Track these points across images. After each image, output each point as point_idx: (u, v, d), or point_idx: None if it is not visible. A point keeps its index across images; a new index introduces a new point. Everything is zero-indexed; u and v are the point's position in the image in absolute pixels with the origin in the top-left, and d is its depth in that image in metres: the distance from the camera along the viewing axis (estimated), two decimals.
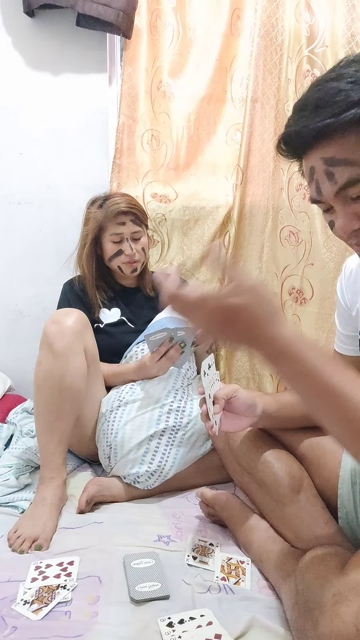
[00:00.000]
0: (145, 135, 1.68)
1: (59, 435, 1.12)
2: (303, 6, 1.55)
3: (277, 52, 1.59)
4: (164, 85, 1.66)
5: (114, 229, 1.39)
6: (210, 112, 1.69)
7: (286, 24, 1.57)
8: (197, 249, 1.72)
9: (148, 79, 1.65)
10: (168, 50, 1.65)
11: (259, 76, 1.61)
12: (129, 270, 1.44)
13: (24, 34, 1.63)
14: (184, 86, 1.67)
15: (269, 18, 1.57)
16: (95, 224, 1.39)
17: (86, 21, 1.54)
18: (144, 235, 1.44)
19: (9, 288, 1.79)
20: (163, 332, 1.19)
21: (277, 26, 1.57)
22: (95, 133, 1.70)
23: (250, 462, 0.97)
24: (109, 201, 1.39)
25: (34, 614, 0.75)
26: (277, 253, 1.69)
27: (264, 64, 1.60)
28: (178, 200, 1.70)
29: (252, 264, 1.73)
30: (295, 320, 1.67)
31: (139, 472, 1.14)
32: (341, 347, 0.95)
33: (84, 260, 1.43)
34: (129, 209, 1.38)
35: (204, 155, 1.70)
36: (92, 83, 1.68)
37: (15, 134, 1.69)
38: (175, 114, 1.68)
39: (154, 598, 0.79)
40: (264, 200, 1.69)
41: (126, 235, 1.39)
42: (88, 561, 0.88)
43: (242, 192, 1.66)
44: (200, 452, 1.22)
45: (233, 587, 0.84)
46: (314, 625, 0.60)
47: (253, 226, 1.70)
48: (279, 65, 1.60)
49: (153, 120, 1.67)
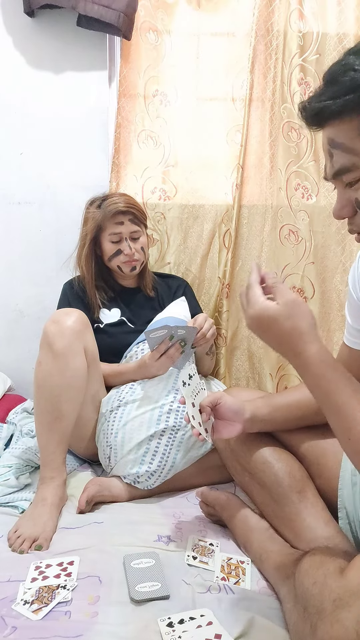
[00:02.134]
0: (142, 135, 1.68)
1: (59, 435, 1.12)
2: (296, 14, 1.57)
3: (272, 56, 1.61)
4: (162, 86, 1.66)
5: (112, 229, 1.39)
6: (210, 112, 1.69)
7: (281, 28, 1.59)
8: (196, 248, 1.72)
9: (145, 78, 1.65)
10: (167, 49, 1.64)
11: (254, 79, 1.62)
12: (128, 269, 1.44)
13: (24, 34, 1.63)
14: (184, 86, 1.67)
15: (264, 22, 1.59)
16: (93, 224, 1.39)
17: (87, 22, 1.54)
18: (142, 234, 1.44)
19: (9, 288, 1.79)
20: (163, 330, 1.19)
21: (273, 30, 1.60)
22: (95, 133, 1.70)
23: (250, 462, 0.97)
24: (107, 201, 1.39)
25: (34, 614, 0.75)
26: (277, 252, 1.69)
27: (259, 67, 1.62)
28: (177, 198, 1.70)
29: (251, 262, 1.73)
30: None
31: (139, 472, 1.14)
32: (350, 340, 0.90)
33: (83, 260, 1.43)
34: (127, 208, 1.38)
35: (203, 155, 1.71)
36: (92, 83, 1.67)
37: (15, 134, 1.69)
38: (175, 114, 1.68)
39: (154, 598, 0.79)
40: (263, 199, 1.69)
41: (125, 235, 1.39)
42: (88, 561, 0.88)
43: (241, 191, 1.66)
44: (200, 452, 1.22)
45: (233, 587, 0.84)
46: (313, 630, 0.60)
47: (252, 225, 1.71)
48: (274, 69, 1.62)
49: (150, 121, 1.68)
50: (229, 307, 1.71)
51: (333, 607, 0.59)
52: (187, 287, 1.60)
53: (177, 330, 1.20)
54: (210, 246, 1.73)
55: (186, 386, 0.88)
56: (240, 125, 1.64)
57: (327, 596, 0.61)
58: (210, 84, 1.67)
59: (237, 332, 1.76)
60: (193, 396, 0.89)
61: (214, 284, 1.74)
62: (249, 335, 1.76)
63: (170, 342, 1.22)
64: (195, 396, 0.90)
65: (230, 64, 1.65)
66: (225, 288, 1.70)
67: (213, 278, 1.74)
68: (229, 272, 1.69)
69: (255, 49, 1.60)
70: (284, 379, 1.73)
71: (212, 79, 1.67)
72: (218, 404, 0.92)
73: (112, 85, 1.70)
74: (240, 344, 1.76)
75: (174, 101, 1.67)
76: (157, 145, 1.69)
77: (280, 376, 1.74)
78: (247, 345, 1.76)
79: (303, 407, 0.95)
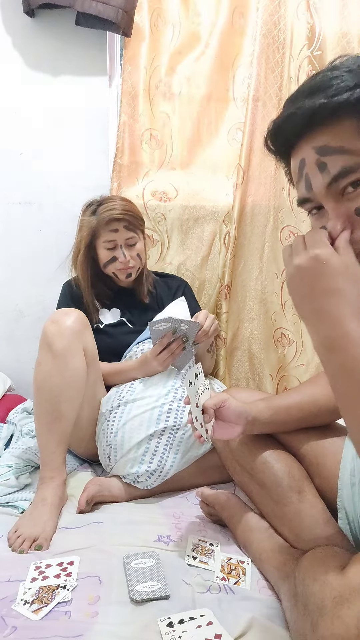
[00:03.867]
0: (145, 135, 1.68)
1: (59, 435, 1.12)
2: (304, 7, 1.55)
3: (279, 51, 1.58)
4: (163, 85, 1.65)
5: (106, 236, 1.36)
6: (211, 111, 1.69)
7: (288, 22, 1.56)
8: (196, 248, 1.72)
9: (147, 77, 1.64)
10: (168, 48, 1.65)
11: (261, 75, 1.60)
12: (123, 276, 1.43)
13: (24, 34, 1.63)
14: (184, 85, 1.67)
15: (270, 16, 1.56)
16: (88, 231, 1.37)
17: (86, 20, 1.53)
18: (139, 240, 1.41)
19: (9, 288, 1.79)
20: (167, 323, 1.19)
21: (279, 24, 1.57)
22: (95, 133, 1.71)
23: (250, 462, 0.97)
24: (102, 207, 1.37)
25: (34, 614, 0.75)
26: (278, 253, 1.69)
27: (266, 63, 1.59)
28: (178, 199, 1.70)
29: (253, 263, 1.73)
30: (296, 320, 1.67)
31: (139, 472, 1.14)
32: None
33: (79, 266, 1.42)
34: (122, 215, 1.35)
35: (204, 154, 1.70)
36: (92, 83, 1.68)
37: (15, 134, 1.69)
38: (175, 113, 1.68)
39: (154, 598, 0.79)
40: (265, 199, 1.68)
41: (119, 242, 1.37)
42: (88, 561, 0.88)
43: (242, 192, 1.66)
44: (200, 452, 1.22)
45: (233, 587, 0.84)
46: (313, 627, 0.60)
47: (254, 226, 1.70)
48: (281, 64, 1.59)
49: (152, 120, 1.67)
50: (228, 309, 1.71)
51: (334, 604, 0.59)
52: (186, 288, 1.60)
53: (181, 324, 1.20)
54: (211, 247, 1.72)
55: (192, 386, 0.87)
56: (241, 123, 1.63)
57: (328, 593, 0.61)
58: (212, 81, 1.66)
59: (238, 333, 1.76)
60: (197, 396, 0.89)
61: (214, 285, 1.74)
62: (250, 336, 1.76)
63: (172, 336, 1.22)
64: (200, 396, 0.90)
65: (232, 60, 1.63)
66: (225, 289, 1.69)
67: (213, 279, 1.74)
68: (229, 273, 1.69)
69: (260, 43, 1.57)
70: (284, 380, 1.73)
71: (212, 76, 1.66)
72: (222, 406, 0.91)
73: (112, 84, 1.70)
74: (240, 344, 1.76)
75: (177, 93, 1.65)
76: (159, 144, 1.68)
77: (280, 377, 1.74)
78: (247, 346, 1.76)
79: (304, 409, 0.95)
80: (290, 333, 1.68)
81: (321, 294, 0.59)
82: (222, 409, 0.91)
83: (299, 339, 1.67)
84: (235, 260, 1.70)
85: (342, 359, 0.58)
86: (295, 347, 1.67)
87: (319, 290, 0.59)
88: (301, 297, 0.61)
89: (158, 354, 1.23)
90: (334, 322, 0.58)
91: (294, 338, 1.68)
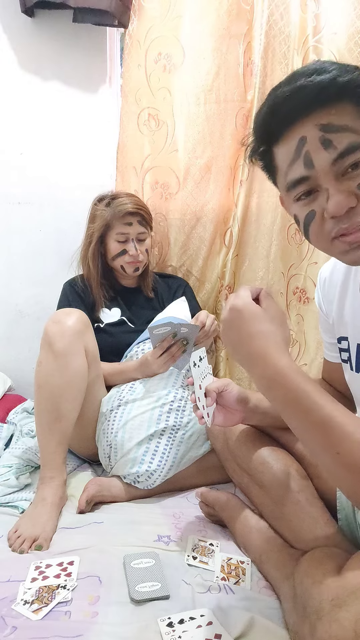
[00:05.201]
0: (141, 116, 1.60)
1: (59, 435, 1.12)
2: None
3: (285, 43, 1.53)
4: (163, 58, 1.56)
5: (120, 229, 1.39)
6: (214, 111, 1.63)
7: (292, 14, 1.50)
8: (197, 248, 1.71)
9: (142, 51, 1.56)
10: (167, 16, 1.54)
11: (267, 66, 1.55)
12: (131, 270, 1.44)
13: (23, 34, 1.63)
14: (187, 58, 1.56)
15: (276, 7, 1.51)
16: (102, 222, 1.39)
17: (82, 16, 1.52)
18: (148, 236, 1.45)
19: (9, 288, 1.80)
20: (167, 327, 1.19)
21: (284, 17, 1.51)
22: (95, 132, 1.70)
23: (249, 462, 0.97)
24: (116, 200, 1.39)
25: (34, 614, 0.75)
26: (285, 252, 1.65)
27: (273, 55, 1.54)
28: (178, 196, 1.66)
29: (259, 262, 1.68)
30: (299, 320, 1.66)
31: (139, 472, 1.14)
32: (329, 355, 0.94)
33: (90, 258, 1.43)
34: (136, 209, 1.38)
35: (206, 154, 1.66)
36: (92, 82, 1.68)
37: (15, 134, 1.69)
38: (178, 89, 1.58)
39: (154, 598, 0.79)
40: (273, 196, 1.62)
41: (132, 236, 1.40)
42: (88, 561, 0.88)
43: (248, 189, 1.61)
44: (200, 452, 1.22)
45: (233, 587, 0.84)
46: (312, 630, 0.60)
47: (260, 223, 1.65)
48: (288, 56, 1.53)
49: (150, 98, 1.58)
50: None
51: (331, 606, 0.59)
52: (187, 287, 1.60)
53: (180, 327, 1.20)
54: (212, 246, 1.71)
55: (196, 367, 0.88)
56: None
57: (326, 596, 0.61)
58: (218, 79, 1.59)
59: None
60: (201, 379, 0.89)
61: (214, 286, 1.72)
62: None
63: (172, 340, 1.22)
64: (203, 379, 0.90)
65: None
66: (225, 290, 1.68)
67: (214, 279, 1.72)
68: (229, 272, 1.68)
69: (267, 34, 1.52)
70: None
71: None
72: (225, 390, 0.91)
73: (112, 83, 1.70)
74: None
75: (179, 63, 1.56)
76: (158, 125, 1.61)
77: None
78: None
79: None
80: (293, 333, 1.68)
81: (247, 338, 0.66)
82: (223, 393, 0.91)
83: (301, 338, 1.66)
84: (239, 260, 1.67)
85: (283, 393, 0.64)
86: (298, 347, 1.66)
87: (245, 335, 0.66)
88: (232, 346, 0.69)
89: (158, 356, 1.23)
90: (266, 361, 0.64)
91: (297, 338, 1.67)
